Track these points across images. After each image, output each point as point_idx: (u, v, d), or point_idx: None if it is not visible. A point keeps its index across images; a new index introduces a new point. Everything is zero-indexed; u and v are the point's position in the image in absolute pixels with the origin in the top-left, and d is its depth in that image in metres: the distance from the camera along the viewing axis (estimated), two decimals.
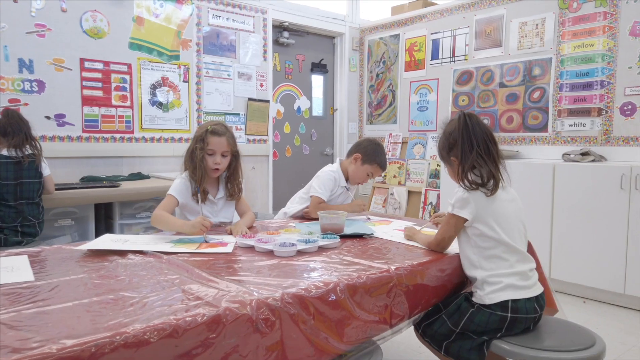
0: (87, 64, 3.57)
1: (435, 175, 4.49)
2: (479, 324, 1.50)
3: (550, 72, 3.81)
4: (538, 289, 1.55)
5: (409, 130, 4.91)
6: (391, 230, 2.12)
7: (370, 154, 2.55)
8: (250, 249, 1.72)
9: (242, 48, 4.46)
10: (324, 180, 2.54)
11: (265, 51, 4.62)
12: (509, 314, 1.47)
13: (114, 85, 3.70)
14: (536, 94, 3.91)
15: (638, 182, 2.96)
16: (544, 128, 3.87)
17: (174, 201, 2.07)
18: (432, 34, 4.67)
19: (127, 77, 3.77)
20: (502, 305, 1.48)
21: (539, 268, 1.65)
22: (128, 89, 3.77)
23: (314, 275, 1.41)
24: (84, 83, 3.56)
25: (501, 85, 4.13)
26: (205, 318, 1.03)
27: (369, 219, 2.47)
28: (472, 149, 1.57)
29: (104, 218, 3.33)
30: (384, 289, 1.41)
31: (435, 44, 4.65)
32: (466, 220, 1.55)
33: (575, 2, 3.65)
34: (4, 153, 2.68)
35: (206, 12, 4.20)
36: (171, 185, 2.12)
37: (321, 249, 1.73)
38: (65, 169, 3.47)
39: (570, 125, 3.71)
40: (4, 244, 2.60)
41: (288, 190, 4.31)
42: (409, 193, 4.67)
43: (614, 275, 3.06)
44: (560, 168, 3.33)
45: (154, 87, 3.92)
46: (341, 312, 1.29)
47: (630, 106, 3.39)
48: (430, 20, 4.69)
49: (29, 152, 2.75)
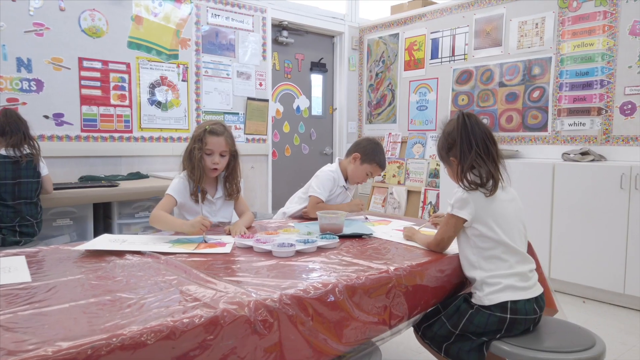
0: (86, 63, 3.56)
1: (434, 174, 4.49)
2: (478, 325, 1.49)
3: (550, 72, 3.80)
4: (538, 290, 1.54)
5: (409, 130, 4.90)
6: (390, 231, 2.12)
7: (369, 153, 2.54)
8: (249, 249, 1.71)
9: (241, 47, 4.45)
10: (322, 180, 2.54)
11: (264, 50, 4.61)
12: (508, 315, 1.46)
13: (112, 84, 3.69)
14: (536, 94, 3.90)
15: (638, 182, 2.95)
16: (543, 127, 3.87)
17: (173, 201, 2.07)
18: (432, 33, 4.67)
19: (126, 77, 3.76)
20: (502, 306, 1.47)
21: (538, 268, 1.64)
22: (127, 88, 3.76)
23: (313, 276, 1.40)
24: (83, 82, 3.55)
25: (501, 84, 4.12)
26: (203, 320, 1.03)
27: (367, 218, 2.47)
28: (471, 148, 1.57)
29: (103, 218, 3.32)
30: (383, 290, 1.41)
31: (435, 43, 4.64)
32: (465, 220, 1.54)
33: (575, 2, 3.64)
34: (2, 152, 2.67)
35: (205, 11, 4.19)
36: (169, 185, 2.11)
37: (320, 249, 1.72)
38: (63, 168, 3.46)
39: (570, 124, 3.71)
40: (1, 243, 2.60)
41: (287, 189, 4.30)
42: (409, 192, 4.67)
43: (614, 275, 3.06)
44: (559, 168, 3.32)
45: (152, 87, 3.91)
46: (340, 313, 1.29)
47: (630, 106, 3.39)
48: (430, 19, 4.68)
49: (27, 152, 2.74)
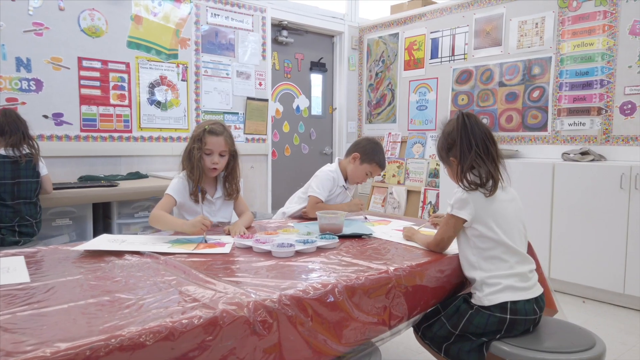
0: (85, 63, 3.56)
1: (434, 174, 4.49)
2: (478, 326, 1.49)
3: (549, 71, 3.80)
4: (538, 290, 1.54)
5: (408, 130, 4.90)
6: (390, 231, 2.11)
7: (368, 153, 2.54)
8: (248, 249, 1.71)
9: (241, 47, 4.44)
10: (322, 180, 2.53)
11: (264, 50, 4.60)
12: (508, 316, 1.46)
13: (112, 84, 3.69)
14: (536, 93, 3.90)
15: (638, 182, 2.95)
16: (543, 127, 3.87)
17: (172, 201, 2.06)
18: (432, 32, 4.66)
19: (125, 76, 3.75)
20: (501, 306, 1.47)
21: (538, 269, 1.64)
22: (126, 88, 3.76)
23: (312, 276, 1.40)
24: (82, 82, 3.55)
25: (501, 84, 4.12)
26: (202, 320, 1.02)
27: (367, 218, 2.46)
28: (471, 149, 1.57)
29: (102, 217, 3.32)
30: (382, 290, 1.40)
31: (435, 43, 4.64)
32: (465, 221, 1.54)
33: (575, 1, 3.64)
34: (2, 152, 2.67)
35: (205, 11, 4.18)
36: (169, 185, 2.11)
37: (319, 250, 1.72)
38: (63, 168, 3.46)
39: (569, 124, 3.70)
40: (1, 243, 2.59)
41: (287, 189, 4.29)
42: (408, 192, 4.67)
43: (614, 275, 3.05)
44: (559, 167, 3.32)
45: (152, 86, 3.90)
46: (339, 314, 1.28)
47: (630, 105, 3.38)
48: (430, 19, 4.68)
49: (27, 152, 2.74)
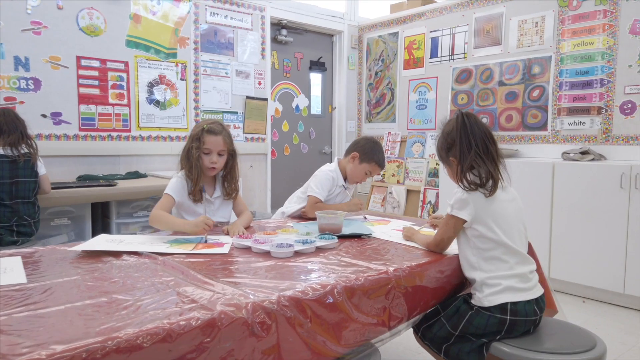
0: (84, 62, 3.54)
1: (434, 174, 4.48)
2: (478, 327, 1.48)
3: (549, 71, 3.79)
4: (538, 291, 1.53)
5: (408, 129, 4.89)
6: (390, 231, 2.11)
7: (367, 152, 2.53)
8: (247, 249, 1.70)
9: (240, 46, 4.43)
10: (321, 180, 2.52)
11: (263, 49, 4.59)
12: (508, 317, 1.45)
13: (110, 83, 3.67)
14: (535, 93, 3.89)
15: (638, 182, 2.94)
16: (543, 127, 3.86)
17: (172, 200, 2.05)
18: (431, 32, 4.65)
19: (124, 75, 3.74)
20: (501, 307, 1.46)
21: (538, 269, 1.63)
22: (125, 87, 3.75)
23: (311, 277, 1.39)
24: (81, 81, 3.54)
25: (500, 83, 4.11)
26: (200, 322, 1.01)
27: (366, 218, 2.45)
28: (471, 148, 1.56)
29: (101, 217, 3.31)
30: (382, 291, 1.39)
31: (434, 42, 4.63)
32: (465, 221, 1.53)
33: (575, 0, 3.63)
34: (0, 152, 2.66)
35: (204, 10, 4.17)
36: (168, 185, 2.10)
37: (319, 250, 1.71)
38: (61, 167, 3.45)
39: (569, 124, 3.70)
40: None
41: (286, 189, 4.29)
42: (408, 192, 4.66)
43: (614, 274, 3.05)
44: (559, 167, 3.31)
45: (151, 85, 3.89)
46: (339, 315, 1.27)
47: (630, 105, 3.38)
48: (429, 18, 4.67)
49: (25, 151, 2.72)
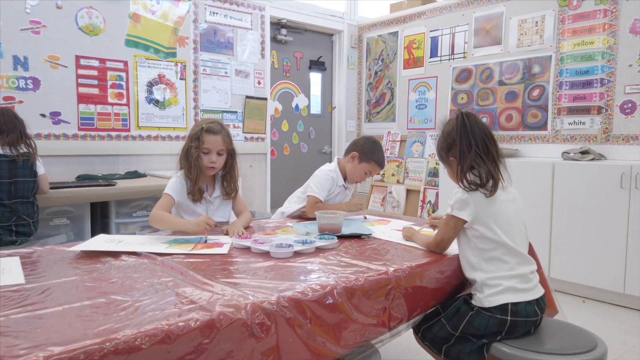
0: (83, 61, 3.54)
1: (434, 173, 4.47)
2: (478, 327, 1.47)
3: (549, 70, 3.79)
4: (539, 292, 1.52)
5: (408, 129, 4.88)
6: (389, 231, 2.10)
7: (367, 152, 2.52)
8: (247, 249, 1.69)
9: (240, 45, 4.42)
10: (321, 180, 2.52)
11: (263, 48, 4.58)
12: (508, 317, 1.44)
13: (110, 82, 3.67)
14: (536, 92, 3.88)
15: (638, 181, 2.93)
16: (543, 126, 3.85)
17: (171, 200, 2.05)
18: (431, 31, 4.64)
19: (124, 75, 3.73)
20: (502, 308, 1.45)
21: (539, 269, 1.62)
22: (124, 87, 3.74)
23: (311, 277, 1.38)
24: (80, 80, 3.53)
25: (500, 83, 4.10)
26: (199, 323, 1.01)
27: (366, 218, 2.45)
28: (471, 148, 1.55)
29: (100, 217, 3.30)
30: (382, 292, 1.39)
31: (434, 42, 4.62)
32: (465, 221, 1.52)
33: (575, 0, 3.62)
34: None
35: (203, 9, 4.16)
36: (167, 184, 2.09)
37: (318, 250, 1.70)
38: (60, 167, 3.44)
39: (569, 123, 3.69)
40: None
41: (286, 188, 4.28)
42: (408, 191, 4.65)
43: (614, 274, 3.04)
44: (559, 167, 3.31)
45: (150, 85, 3.88)
46: (338, 316, 1.27)
47: (630, 104, 3.37)
48: (429, 17, 4.66)
49: (24, 151, 2.71)
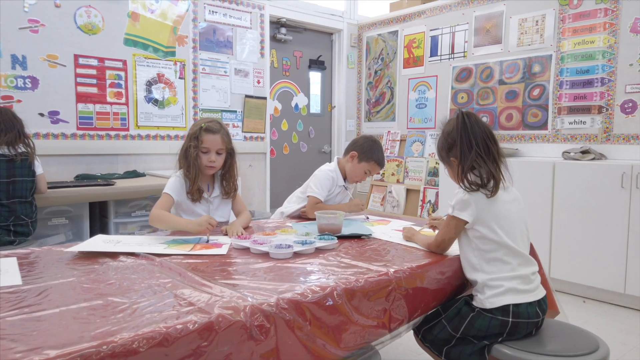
0: (82, 60, 3.52)
1: (433, 173, 4.46)
2: (479, 329, 1.46)
3: (550, 69, 3.77)
4: (540, 293, 1.51)
5: (408, 128, 4.87)
6: (390, 231, 2.09)
7: (366, 151, 2.51)
8: (246, 250, 1.68)
9: (239, 44, 4.41)
10: (321, 180, 2.50)
11: (262, 48, 4.57)
12: (510, 319, 1.43)
13: (108, 81, 3.65)
14: (536, 92, 3.87)
15: (639, 181, 2.92)
16: (543, 126, 3.84)
17: (171, 200, 2.04)
18: (431, 30, 4.63)
19: (122, 74, 3.72)
20: (503, 309, 1.44)
21: (540, 270, 1.61)
22: (123, 86, 3.72)
23: (311, 278, 1.37)
24: (79, 80, 3.51)
25: (500, 82, 4.09)
26: (197, 325, 0.99)
27: (368, 218, 2.43)
28: (471, 148, 1.54)
29: (99, 217, 3.29)
30: (382, 293, 1.38)
31: (434, 41, 4.61)
32: (466, 222, 1.51)
33: None
34: None
35: (202, 8, 4.14)
36: (166, 184, 2.08)
37: (318, 251, 1.69)
38: (59, 166, 3.42)
39: (570, 123, 3.68)
40: None
41: (285, 188, 4.27)
42: (408, 191, 4.64)
43: (614, 274, 3.03)
44: (560, 166, 3.29)
45: (149, 84, 3.87)
46: (338, 317, 1.26)
47: (630, 104, 3.36)
48: (429, 16, 4.65)
49: (22, 150, 2.70)
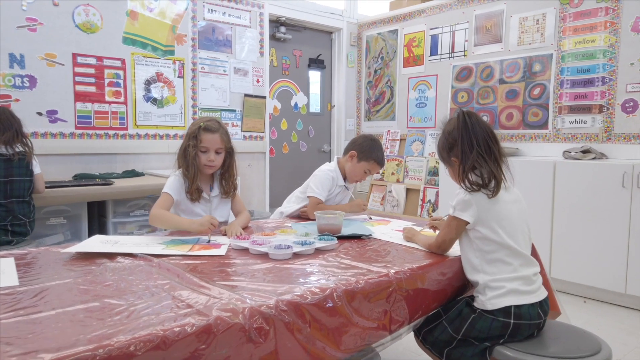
0: (80, 59, 3.50)
1: (433, 172, 4.45)
2: (480, 330, 1.44)
3: (550, 69, 3.76)
4: (542, 294, 1.50)
5: (408, 127, 4.85)
6: (390, 231, 2.07)
7: (365, 150, 2.49)
8: (245, 251, 1.66)
9: (238, 43, 4.39)
10: (321, 180, 2.49)
11: (261, 46, 4.55)
12: (511, 320, 1.42)
13: (107, 80, 3.63)
14: (536, 91, 3.86)
15: (639, 181, 2.92)
16: (544, 125, 3.83)
17: (170, 199, 2.02)
18: (431, 29, 4.61)
19: (121, 73, 3.70)
20: (505, 311, 1.43)
21: (542, 271, 1.60)
22: (122, 85, 3.71)
23: (310, 280, 1.35)
24: (77, 78, 3.49)
25: (501, 81, 4.07)
26: (195, 328, 0.98)
27: (371, 218, 2.41)
28: (472, 148, 1.52)
29: (97, 216, 3.27)
30: (383, 294, 1.36)
31: (434, 40, 4.59)
32: (467, 223, 1.50)
33: None
34: None
35: (201, 7, 4.12)
36: (165, 183, 2.07)
37: (318, 251, 1.68)
38: (57, 166, 3.41)
39: (570, 122, 3.66)
40: None
41: (285, 187, 4.26)
42: (408, 190, 4.63)
43: (615, 274, 3.02)
44: (560, 166, 3.28)
45: (148, 83, 3.85)
46: (338, 319, 1.24)
47: (631, 103, 3.35)
48: (429, 15, 4.63)
49: (20, 150, 2.68)
